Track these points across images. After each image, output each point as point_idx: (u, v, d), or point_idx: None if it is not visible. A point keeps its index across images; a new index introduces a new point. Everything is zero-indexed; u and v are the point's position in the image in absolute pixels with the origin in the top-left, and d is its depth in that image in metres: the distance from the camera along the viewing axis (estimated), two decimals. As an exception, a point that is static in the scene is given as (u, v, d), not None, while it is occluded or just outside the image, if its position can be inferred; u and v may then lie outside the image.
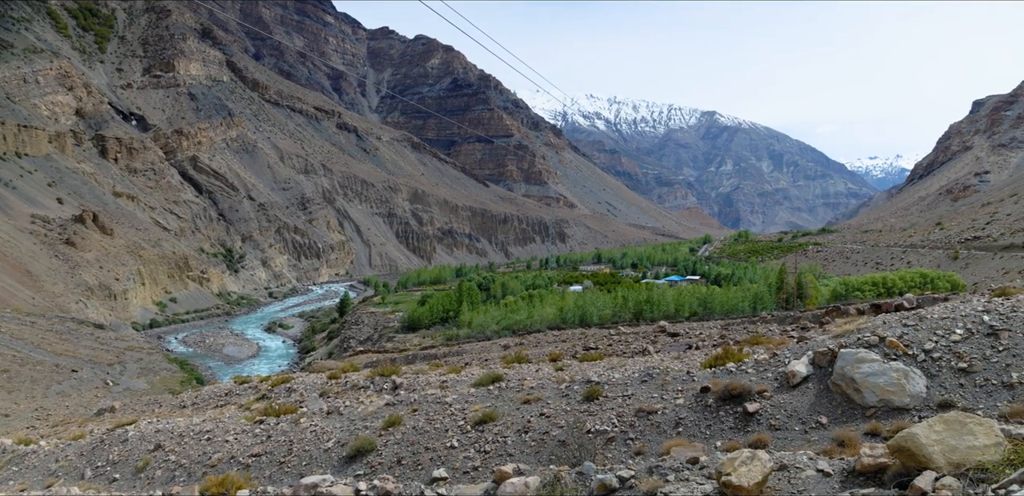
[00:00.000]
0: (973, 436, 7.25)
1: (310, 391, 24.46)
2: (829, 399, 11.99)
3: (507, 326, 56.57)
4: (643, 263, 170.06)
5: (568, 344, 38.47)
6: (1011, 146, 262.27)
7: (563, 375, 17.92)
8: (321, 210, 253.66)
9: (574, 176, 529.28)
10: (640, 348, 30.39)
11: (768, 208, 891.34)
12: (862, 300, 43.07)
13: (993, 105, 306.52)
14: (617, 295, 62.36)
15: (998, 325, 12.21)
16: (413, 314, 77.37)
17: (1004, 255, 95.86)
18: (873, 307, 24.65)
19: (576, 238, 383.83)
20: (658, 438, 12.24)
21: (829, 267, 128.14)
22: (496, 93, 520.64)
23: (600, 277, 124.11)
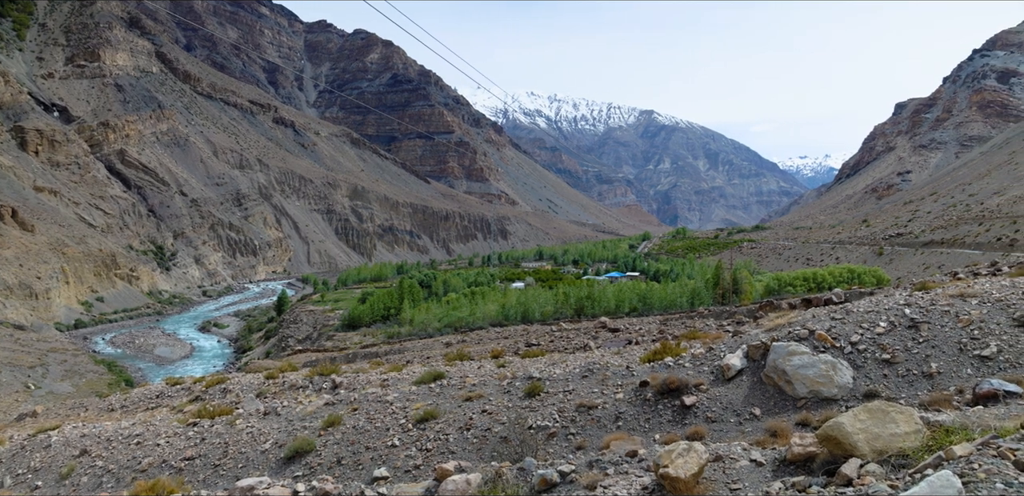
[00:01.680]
0: (895, 424, 7.53)
1: (246, 392, 23.78)
2: (762, 391, 12.35)
3: (449, 323, 56.38)
4: (584, 260, 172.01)
5: (510, 341, 38.58)
6: (931, 147, 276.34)
7: (505, 372, 17.94)
8: (257, 206, 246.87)
9: (515, 173, 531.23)
10: (581, 344, 30.72)
11: (705, 206, 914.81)
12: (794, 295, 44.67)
13: (914, 108, 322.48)
14: (559, 292, 62.91)
15: (918, 318, 12.82)
16: (353, 312, 76.22)
17: (925, 251, 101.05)
18: (804, 302, 25.56)
19: (518, 235, 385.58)
20: (599, 432, 12.37)
21: (763, 263, 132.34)
22: (437, 89, 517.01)
23: (542, 274, 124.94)
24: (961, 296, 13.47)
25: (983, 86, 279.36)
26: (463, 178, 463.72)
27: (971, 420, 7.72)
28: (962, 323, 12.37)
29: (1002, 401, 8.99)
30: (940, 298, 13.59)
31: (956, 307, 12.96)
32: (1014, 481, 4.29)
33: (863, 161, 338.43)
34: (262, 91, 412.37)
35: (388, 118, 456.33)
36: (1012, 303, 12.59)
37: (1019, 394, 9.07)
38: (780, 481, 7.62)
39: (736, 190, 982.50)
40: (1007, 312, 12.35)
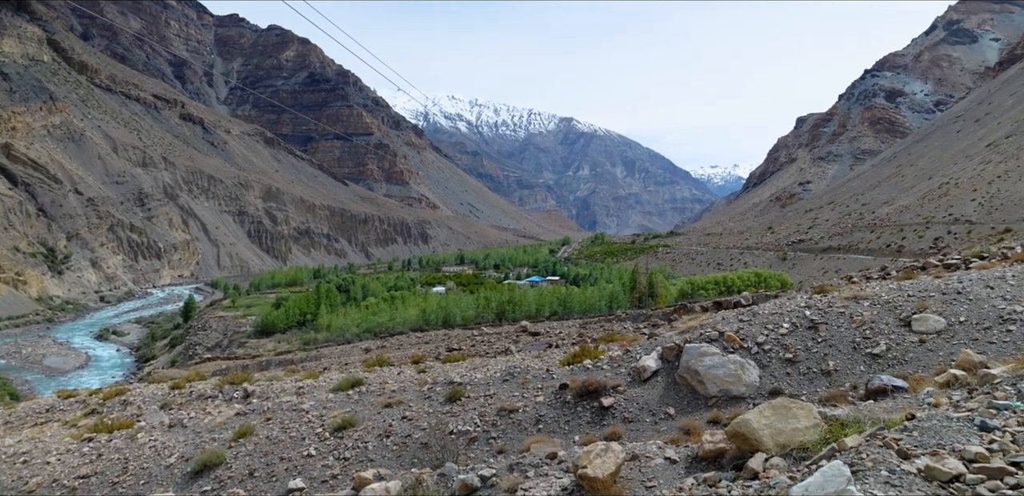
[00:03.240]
0: (796, 419, 7.97)
1: (149, 403, 22.57)
2: (676, 391, 12.83)
3: (368, 329, 55.41)
4: (505, 264, 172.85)
5: (431, 346, 38.34)
6: (828, 159, 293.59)
7: (425, 377, 17.84)
8: (162, 207, 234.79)
9: (436, 177, 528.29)
10: (503, 348, 30.88)
11: (622, 211, 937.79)
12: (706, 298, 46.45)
13: (813, 122, 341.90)
14: (480, 296, 62.94)
15: (817, 319, 13.65)
16: (267, 318, 73.61)
17: (824, 256, 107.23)
18: (715, 304, 26.65)
19: (439, 239, 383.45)
20: (519, 436, 12.51)
21: (677, 267, 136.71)
22: (355, 90, 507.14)
23: (463, 278, 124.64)
24: (855, 298, 14.41)
25: (874, 104, 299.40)
26: (383, 181, 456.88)
27: (863, 414, 8.26)
28: (856, 324, 13.26)
29: (891, 395, 9.69)
30: (836, 300, 14.49)
31: (850, 309, 13.87)
32: (896, 468, 4.64)
33: (768, 171, 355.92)
34: (168, 86, 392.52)
35: (304, 118, 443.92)
36: (899, 305, 13.59)
37: (905, 389, 9.80)
38: (692, 477, 7.94)
39: (652, 197, 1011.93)
40: (895, 313, 13.32)
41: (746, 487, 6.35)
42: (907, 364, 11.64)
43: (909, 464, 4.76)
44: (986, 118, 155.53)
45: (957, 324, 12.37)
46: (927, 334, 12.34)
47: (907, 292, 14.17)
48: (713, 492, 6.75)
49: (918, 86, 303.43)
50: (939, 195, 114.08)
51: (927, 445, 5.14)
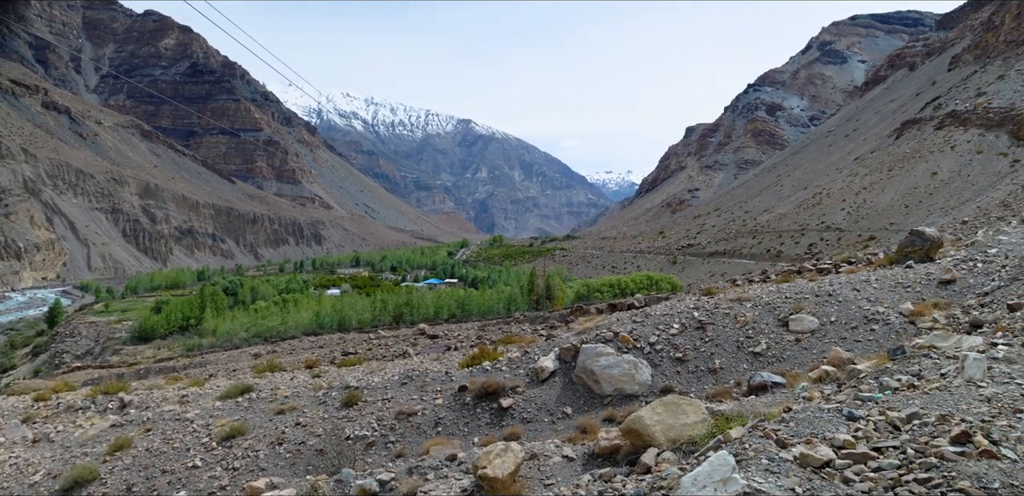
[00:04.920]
0: (685, 415, 8.37)
1: (8, 417, 20.65)
2: (573, 390, 13.14)
3: (258, 333, 53.17)
4: (403, 266, 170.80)
5: (326, 350, 37.27)
6: (715, 168, 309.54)
7: (320, 382, 17.38)
8: (22, 203, 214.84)
9: (330, 176, 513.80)
10: (400, 351, 30.50)
11: (520, 215, 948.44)
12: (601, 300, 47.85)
13: (701, 132, 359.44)
14: (376, 299, 61.90)
15: (705, 320, 14.38)
16: (146, 323, 69.02)
17: (711, 260, 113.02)
18: (610, 306, 27.49)
19: (333, 240, 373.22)
20: (418, 439, 12.41)
21: (573, 270, 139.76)
22: (243, 83, 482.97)
23: (359, 280, 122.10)
24: (739, 300, 15.30)
25: (756, 117, 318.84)
26: (273, 179, 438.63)
27: (746, 409, 8.78)
28: (739, 324, 14.07)
29: (770, 391, 10.36)
30: (722, 302, 15.32)
31: (735, 310, 14.70)
32: (775, 456, 4.97)
33: (660, 178, 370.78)
34: (28, 70, 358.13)
35: (186, 110, 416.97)
36: (778, 306, 14.55)
37: (783, 384, 10.51)
38: (589, 474, 8.16)
39: (549, 201, 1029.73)
40: (774, 314, 14.25)
41: (639, 481, 6.59)
42: (785, 361, 12.49)
43: (786, 452, 5.10)
44: (854, 134, 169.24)
45: (828, 324, 13.39)
46: (802, 333, 13.29)
47: (785, 294, 15.18)
48: (608, 487, 6.96)
49: (795, 101, 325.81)
50: (813, 204, 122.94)
51: (802, 434, 5.52)
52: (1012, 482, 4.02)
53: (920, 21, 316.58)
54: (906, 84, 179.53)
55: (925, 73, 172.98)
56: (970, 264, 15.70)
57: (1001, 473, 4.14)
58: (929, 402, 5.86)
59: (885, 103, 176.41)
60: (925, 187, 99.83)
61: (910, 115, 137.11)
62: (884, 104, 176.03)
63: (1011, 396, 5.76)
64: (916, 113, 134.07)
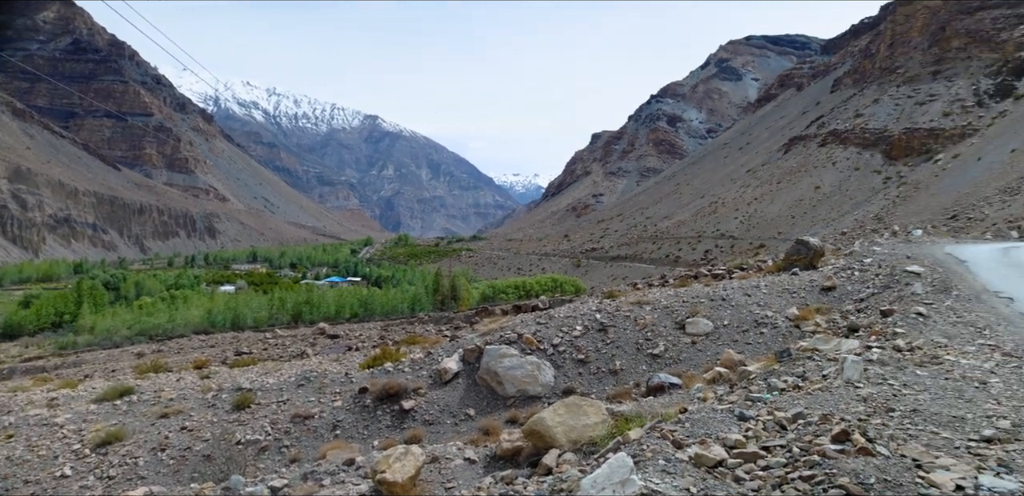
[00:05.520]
0: (587, 416, 8.50)
1: None
2: (477, 392, 13.12)
3: (143, 331, 50.00)
4: (303, 263, 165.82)
5: (218, 349, 35.54)
6: (619, 174, 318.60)
7: (210, 383, 16.54)
8: None
9: (227, 167, 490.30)
10: (299, 351, 29.52)
11: (427, 214, 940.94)
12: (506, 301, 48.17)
13: (606, 139, 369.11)
14: (274, 296, 59.69)
15: (607, 322, 14.72)
16: (12, 318, 63.30)
17: (613, 264, 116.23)
18: (515, 308, 27.68)
19: (229, 234, 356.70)
20: (315, 443, 12.02)
21: (479, 271, 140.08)
22: (132, 65, 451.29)
23: (256, 277, 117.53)
24: (639, 304, 15.76)
25: (657, 127, 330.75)
26: (164, 168, 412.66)
27: (645, 409, 9.02)
28: (639, 326, 14.50)
29: (668, 391, 10.71)
30: (623, 305, 15.74)
31: (635, 313, 15.14)
32: (672, 457, 5.12)
33: (566, 182, 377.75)
34: None
35: (66, 90, 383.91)
36: (676, 309, 15.10)
37: (680, 385, 10.89)
38: (491, 476, 8.14)
39: (456, 201, 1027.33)
40: (672, 317, 14.78)
41: (540, 483, 6.62)
42: (681, 363, 12.97)
43: (682, 452, 5.26)
44: (747, 147, 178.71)
45: (722, 327, 14.01)
46: (698, 336, 13.85)
47: (682, 298, 15.78)
48: (510, 489, 6.97)
49: (694, 114, 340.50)
50: (709, 212, 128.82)
51: (697, 435, 5.71)
52: (886, 477, 4.31)
53: (807, 45, 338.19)
54: (794, 103, 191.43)
55: (811, 93, 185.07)
56: (848, 272, 16.87)
57: (876, 469, 4.43)
58: (812, 402, 6.21)
59: (775, 119, 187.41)
60: (809, 199, 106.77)
61: (797, 132, 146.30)
62: (774, 120, 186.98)
63: (884, 396, 6.20)
64: (802, 130, 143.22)
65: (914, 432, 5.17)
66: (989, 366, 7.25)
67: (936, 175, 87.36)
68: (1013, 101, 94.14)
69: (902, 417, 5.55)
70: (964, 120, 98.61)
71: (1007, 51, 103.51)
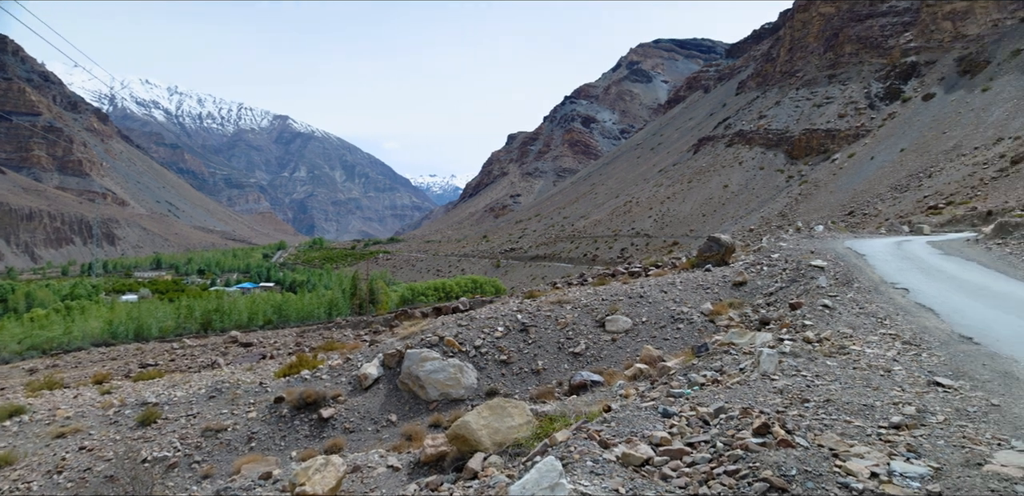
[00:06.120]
0: (511, 418, 8.43)
1: None
2: (398, 397, 12.82)
3: (34, 345, 46.49)
4: (212, 269, 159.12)
5: (120, 362, 33.45)
6: (535, 175, 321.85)
7: (111, 399, 15.50)
8: None
9: (126, 170, 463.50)
10: (209, 361, 28.15)
11: (342, 216, 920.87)
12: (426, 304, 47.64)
13: (522, 140, 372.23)
14: (181, 304, 56.85)
15: (528, 322, 14.71)
16: None
17: (532, 264, 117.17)
18: (435, 310, 27.36)
19: (129, 241, 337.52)
20: (229, 457, 11.43)
21: (398, 274, 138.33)
22: (16, 60, 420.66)
23: (160, 285, 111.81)
24: (559, 303, 15.85)
25: (572, 128, 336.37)
26: (55, 171, 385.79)
27: (568, 408, 9.03)
28: (560, 326, 14.57)
29: (590, 389, 10.78)
30: (544, 305, 15.80)
31: (556, 312, 15.21)
32: (599, 457, 5.09)
33: (483, 183, 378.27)
34: None
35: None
36: (595, 308, 15.26)
37: (602, 383, 10.98)
38: (415, 483, 7.94)
39: (372, 203, 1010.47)
40: (592, 315, 14.93)
41: (467, 488, 6.50)
42: (602, 360, 13.10)
43: (609, 452, 5.23)
44: (659, 147, 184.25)
45: (640, 324, 14.26)
46: (617, 333, 14.04)
47: (601, 296, 15.98)
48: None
49: (607, 115, 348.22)
50: (624, 212, 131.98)
51: (623, 434, 5.71)
52: (806, 468, 4.40)
53: (713, 49, 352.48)
54: (702, 104, 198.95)
55: (717, 95, 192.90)
56: (758, 268, 17.55)
57: (797, 460, 4.53)
58: (732, 396, 6.33)
59: (684, 121, 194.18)
60: (719, 198, 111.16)
61: (705, 133, 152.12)
62: (684, 122, 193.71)
63: (799, 387, 6.40)
64: (710, 131, 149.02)
65: (829, 422, 5.34)
66: (891, 354, 7.63)
67: (834, 174, 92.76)
68: (901, 104, 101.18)
69: (817, 407, 5.73)
70: (858, 121, 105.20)
71: (894, 57, 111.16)
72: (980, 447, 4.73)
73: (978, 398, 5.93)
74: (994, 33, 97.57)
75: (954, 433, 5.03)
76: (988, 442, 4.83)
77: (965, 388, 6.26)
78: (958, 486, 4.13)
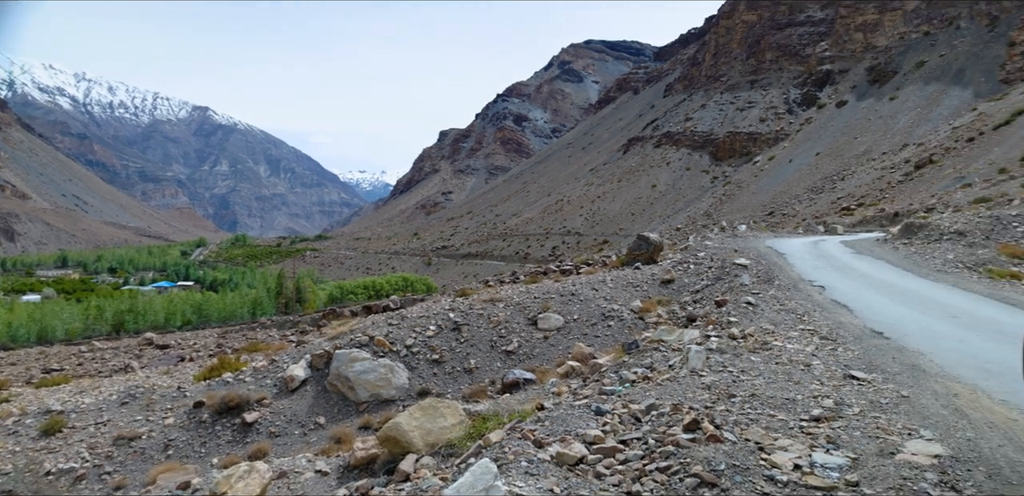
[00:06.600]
0: (444, 418, 8.33)
1: None
2: (327, 399, 12.50)
3: (-77, 350, 43.13)
4: (125, 268, 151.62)
5: (20, 368, 31.37)
6: (467, 172, 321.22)
7: (10, 408, 14.48)
8: None
9: (27, 161, 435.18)
10: (122, 365, 26.78)
11: (267, 213, 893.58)
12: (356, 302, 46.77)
13: (454, 137, 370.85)
14: (90, 305, 53.94)
15: (460, 321, 14.61)
16: None
17: (464, 262, 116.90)
18: (365, 309, 26.89)
19: (31, 237, 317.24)
20: (143, 466, 10.86)
21: (326, 272, 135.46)
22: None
23: (67, 284, 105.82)
24: (492, 301, 15.81)
25: (504, 126, 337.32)
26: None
27: (501, 407, 9.00)
28: (493, 324, 14.54)
29: (523, 387, 10.79)
30: (476, 303, 15.72)
31: (488, 310, 15.17)
32: (534, 457, 5.07)
33: (414, 179, 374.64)
34: None
35: None
36: (527, 306, 15.30)
37: (534, 381, 11.01)
38: (345, 487, 7.75)
39: (299, 199, 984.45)
40: (524, 313, 14.96)
41: (399, 491, 6.37)
42: (535, 358, 13.14)
43: (544, 452, 5.22)
44: (590, 147, 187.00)
45: (572, 321, 14.39)
46: (549, 331, 14.11)
47: (534, 294, 16.03)
48: (366, 501, 6.65)
49: (539, 114, 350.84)
50: (556, 210, 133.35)
51: (557, 433, 5.71)
52: (734, 462, 4.50)
53: (642, 51, 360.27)
54: (631, 105, 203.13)
55: (646, 97, 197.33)
56: (685, 266, 18.01)
57: (726, 455, 4.62)
58: (663, 393, 6.43)
59: (615, 121, 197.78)
60: (647, 197, 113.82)
61: (634, 133, 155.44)
62: (614, 122, 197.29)
63: (725, 383, 6.56)
64: (639, 132, 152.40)
65: (754, 416, 5.48)
66: (810, 350, 7.93)
67: (755, 175, 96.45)
68: (817, 109, 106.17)
69: (743, 402, 5.88)
70: (777, 125, 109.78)
71: (811, 65, 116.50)
72: (893, 437, 4.95)
73: (889, 390, 6.23)
74: (900, 45, 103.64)
75: (869, 424, 5.25)
76: (899, 432, 5.07)
77: (878, 381, 6.56)
78: (874, 475, 4.30)
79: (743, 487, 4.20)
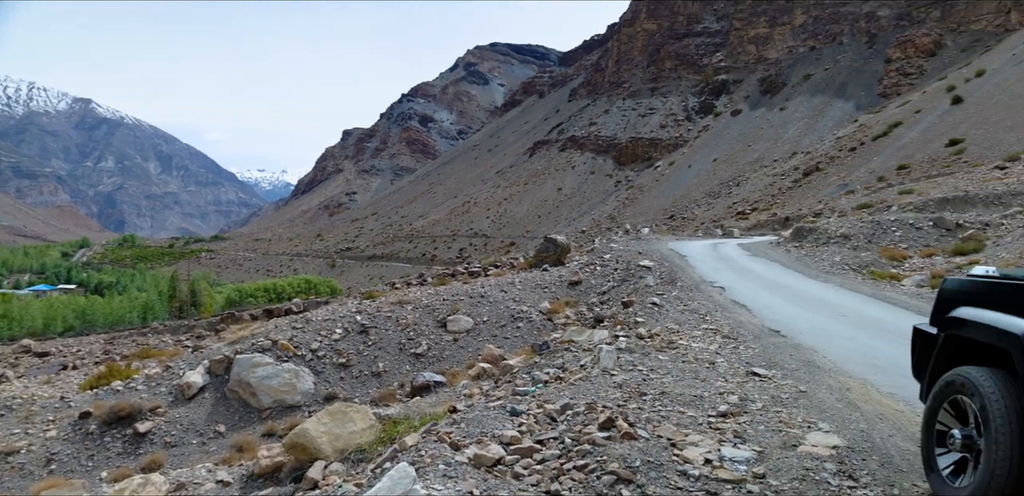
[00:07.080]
0: (353, 423, 8.16)
1: None
2: (227, 406, 11.97)
3: None
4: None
5: None
6: (372, 172, 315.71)
7: None
8: None
9: None
10: (-9, 375, 24.57)
11: (158, 212, 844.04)
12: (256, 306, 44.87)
13: (358, 136, 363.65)
14: (-45, 310, 49.39)
15: (368, 323, 14.35)
16: None
17: (369, 264, 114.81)
18: (266, 312, 25.93)
19: None
20: (23, 483, 10.03)
21: (223, 274, 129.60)
22: None
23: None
24: (400, 303, 15.62)
25: (410, 126, 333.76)
26: None
27: (412, 410, 8.91)
28: (401, 326, 14.36)
29: (433, 390, 10.71)
30: (384, 306, 15.49)
31: (396, 313, 14.97)
32: (452, 460, 5.05)
33: (317, 179, 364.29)
34: None
35: None
36: (436, 308, 15.22)
37: (445, 383, 10.96)
38: (248, 498, 7.45)
39: (193, 198, 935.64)
40: (433, 315, 14.87)
41: (307, 499, 6.19)
42: (445, 361, 13.08)
43: (461, 455, 5.21)
44: (496, 149, 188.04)
45: (482, 323, 14.42)
46: (459, 333, 14.09)
47: (443, 296, 15.96)
48: (273, 511, 6.42)
49: (445, 115, 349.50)
50: (463, 212, 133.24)
51: (473, 435, 5.71)
52: (649, 459, 4.65)
53: (547, 56, 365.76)
54: (537, 109, 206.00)
55: (551, 101, 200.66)
56: (592, 267, 18.43)
57: (640, 452, 4.76)
58: (577, 392, 6.55)
59: (520, 124, 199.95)
60: (553, 200, 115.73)
61: (540, 137, 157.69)
62: (520, 125, 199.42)
63: (636, 381, 6.76)
64: (545, 135, 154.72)
65: (665, 413, 5.68)
66: (714, 348, 8.30)
67: (657, 180, 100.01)
68: (713, 117, 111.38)
69: (653, 400, 6.08)
70: (677, 132, 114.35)
71: (708, 74, 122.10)
72: (794, 430, 5.26)
73: (788, 385, 6.61)
74: (790, 58, 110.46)
75: (772, 418, 5.55)
76: (800, 425, 5.39)
77: (777, 377, 6.95)
78: (778, 467, 4.55)
79: (658, 482, 4.34)
